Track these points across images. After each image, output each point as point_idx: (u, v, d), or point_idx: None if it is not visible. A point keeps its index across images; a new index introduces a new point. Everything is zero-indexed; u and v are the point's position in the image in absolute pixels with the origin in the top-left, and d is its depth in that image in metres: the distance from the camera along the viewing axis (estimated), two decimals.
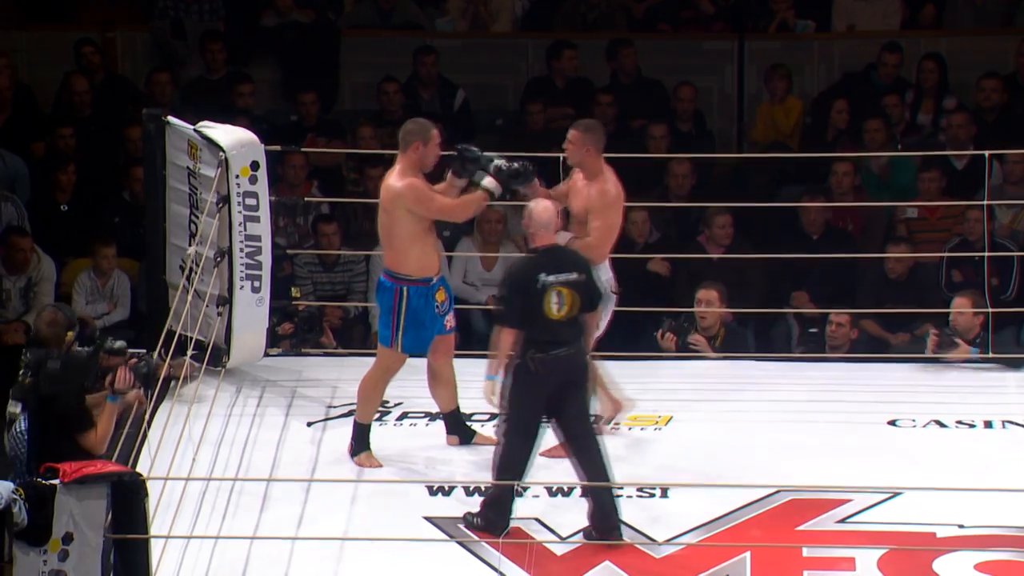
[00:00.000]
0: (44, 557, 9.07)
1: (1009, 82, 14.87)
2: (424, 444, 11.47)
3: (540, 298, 10.38)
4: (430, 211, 10.86)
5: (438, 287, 11.00)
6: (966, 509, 10.58)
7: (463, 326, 12.25)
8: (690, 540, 10.54)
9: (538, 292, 10.37)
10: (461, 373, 11.25)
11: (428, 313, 10.95)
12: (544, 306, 10.39)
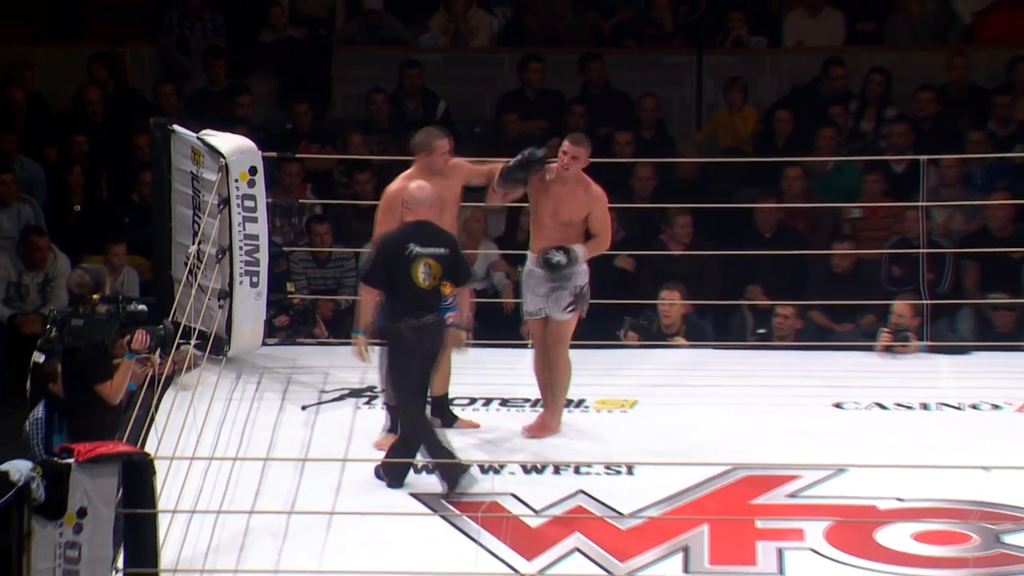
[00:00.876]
0: (60, 530, 9.06)
1: (942, 93, 14.89)
2: None
3: (409, 267, 10.49)
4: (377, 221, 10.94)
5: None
6: (905, 484, 10.60)
7: None
8: (653, 513, 10.54)
9: (407, 260, 10.48)
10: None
11: None
12: (413, 275, 10.49)
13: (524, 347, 12.57)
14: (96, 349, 10.26)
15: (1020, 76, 14.86)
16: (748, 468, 10.86)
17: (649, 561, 10.21)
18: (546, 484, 10.88)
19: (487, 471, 11.01)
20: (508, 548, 10.32)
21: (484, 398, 11.86)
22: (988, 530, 10.35)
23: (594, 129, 14.75)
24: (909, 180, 13.67)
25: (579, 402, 11.84)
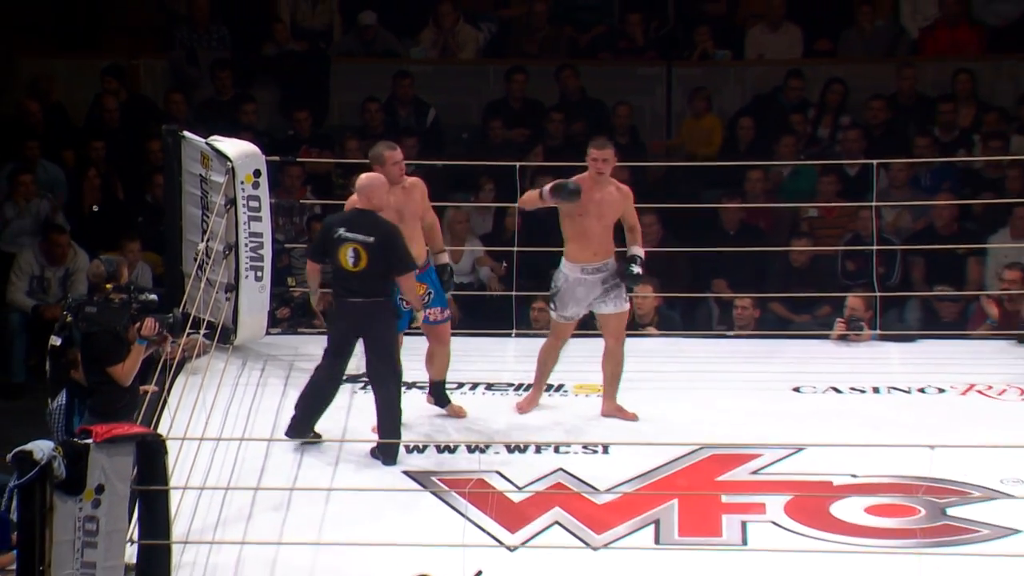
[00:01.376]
0: (80, 505, 9.05)
1: (892, 102, 14.90)
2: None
3: (336, 248, 10.53)
4: None
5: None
6: (858, 462, 10.61)
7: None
8: (627, 489, 10.54)
9: (334, 242, 10.52)
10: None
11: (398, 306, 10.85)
12: (340, 256, 10.52)
13: (507, 336, 12.59)
14: (109, 334, 10.26)
15: (961, 87, 14.88)
16: (714, 447, 10.86)
17: (623, 533, 10.21)
18: (528, 463, 10.88)
19: (473, 451, 11.00)
20: (493, 521, 10.32)
21: (471, 383, 11.85)
22: (934, 504, 10.37)
23: (572, 135, 14.77)
24: (862, 182, 13.67)
25: (559, 387, 11.84)
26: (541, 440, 11.04)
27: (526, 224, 13.08)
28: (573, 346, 12.29)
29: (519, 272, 12.94)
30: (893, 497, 10.45)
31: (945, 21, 15.47)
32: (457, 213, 13.65)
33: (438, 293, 11.00)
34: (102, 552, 9.13)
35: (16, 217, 13.96)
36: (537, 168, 13.98)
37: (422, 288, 10.87)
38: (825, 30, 15.61)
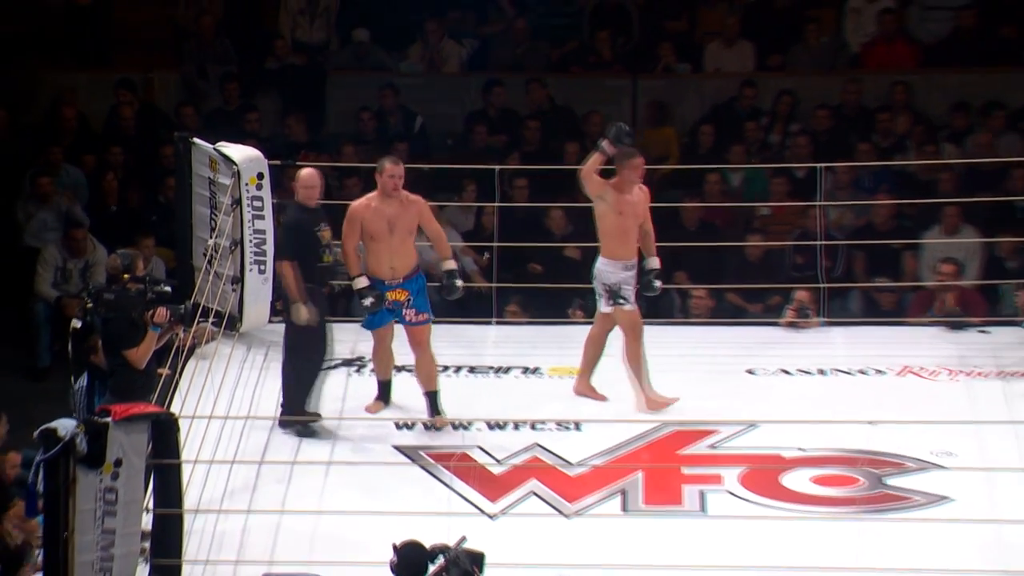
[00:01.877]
0: (100, 477, 9.04)
1: (836, 112, 14.92)
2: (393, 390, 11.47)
3: (319, 244, 10.66)
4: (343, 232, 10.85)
5: (392, 288, 10.79)
6: (805, 437, 10.64)
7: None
8: (597, 462, 10.57)
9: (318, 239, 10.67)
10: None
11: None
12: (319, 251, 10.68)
13: (488, 323, 12.59)
14: (125, 320, 10.27)
15: (898, 97, 14.90)
16: (675, 424, 10.89)
17: (593, 502, 10.25)
18: (507, 438, 10.92)
19: (458, 428, 11.02)
20: (476, 492, 10.36)
21: (455, 366, 11.85)
22: (873, 474, 10.42)
23: (546, 141, 14.77)
24: (809, 183, 13.68)
25: (535, 369, 11.85)
26: (518, 417, 11.05)
27: (503, 222, 13.11)
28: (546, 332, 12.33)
29: (498, 265, 12.96)
30: (836, 467, 10.49)
31: (883, 38, 15.48)
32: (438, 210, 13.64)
33: (417, 298, 10.89)
34: (121, 520, 9.13)
35: (39, 213, 13.94)
36: (514, 171, 14.00)
37: (403, 294, 10.79)
38: (775, 46, 15.61)
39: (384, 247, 10.79)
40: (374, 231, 10.70)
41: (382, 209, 10.72)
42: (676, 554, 9.70)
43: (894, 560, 9.60)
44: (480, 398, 11.40)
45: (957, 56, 15.31)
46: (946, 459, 10.51)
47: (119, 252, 10.81)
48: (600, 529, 10.01)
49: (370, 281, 10.82)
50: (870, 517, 10.10)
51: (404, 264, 10.80)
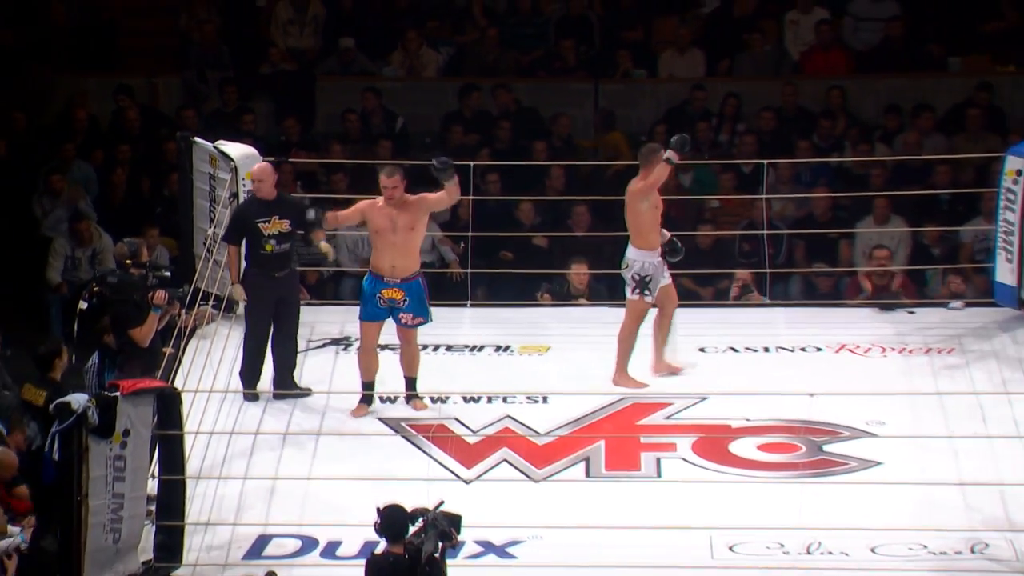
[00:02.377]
0: (110, 446, 9.03)
1: (779, 113, 14.92)
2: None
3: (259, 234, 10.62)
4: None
5: (389, 287, 10.58)
6: (751, 408, 10.65)
7: None
8: (563, 432, 10.57)
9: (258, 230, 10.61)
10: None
11: (371, 298, 10.63)
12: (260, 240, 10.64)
13: (463, 306, 12.55)
14: (129, 303, 10.25)
15: (834, 101, 14.92)
16: (634, 397, 10.90)
17: (559, 468, 10.25)
18: (481, 410, 10.90)
19: (436, 401, 10.99)
20: (452, 459, 10.35)
21: (433, 345, 11.82)
22: (812, 441, 10.43)
23: (516, 140, 14.75)
24: (754, 178, 13.69)
25: (506, 347, 11.83)
26: (491, 391, 11.03)
27: (477, 214, 13.08)
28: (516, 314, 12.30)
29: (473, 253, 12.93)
30: (779, 436, 10.50)
31: (820, 46, 15.50)
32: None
33: (413, 302, 10.67)
34: (129, 485, 9.11)
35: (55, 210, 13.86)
36: (486, 167, 13.97)
37: (400, 294, 10.59)
38: (723, 53, 15.62)
39: (388, 243, 10.55)
40: (378, 226, 10.57)
41: (386, 209, 10.60)
42: (634, 515, 9.70)
43: (831, 519, 9.62)
44: (456, 374, 11.37)
45: (887, 63, 15.34)
46: (878, 428, 10.54)
47: (125, 241, 10.78)
48: (566, 493, 10.01)
49: (372, 273, 10.63)
50: (810, 480, 10.11)
51: (405, 266, 10.59)
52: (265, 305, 10.82)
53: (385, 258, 10.58)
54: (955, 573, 9.27)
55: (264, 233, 10.72)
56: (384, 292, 10.60)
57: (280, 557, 9.46)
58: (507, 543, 9.56)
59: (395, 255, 10.55)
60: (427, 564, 8.58)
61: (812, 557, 9.40)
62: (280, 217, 10.78)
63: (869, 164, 13.95)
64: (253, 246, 10.77)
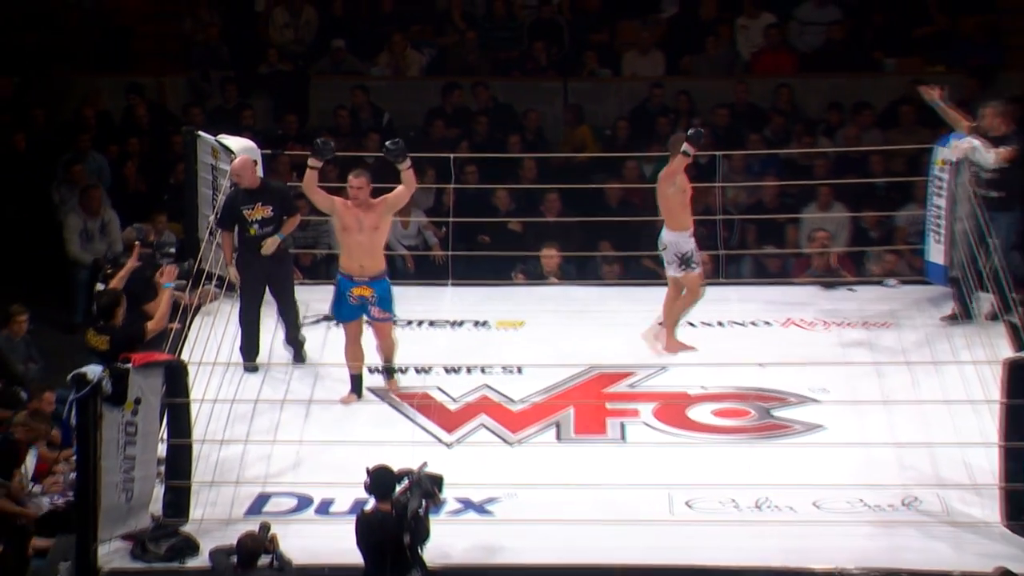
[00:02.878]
0: (122, 413, 9.03)
1: (732, 109, 14.91)
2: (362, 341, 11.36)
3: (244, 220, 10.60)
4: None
5: (358, 285, 10.34)
6: (707, 377, 10.66)
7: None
8: (536, 399, 10.57)
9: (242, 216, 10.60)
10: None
11: (343, 299, 10.42)
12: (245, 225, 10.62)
13: (445, 284, 12.52)
14: (141, 280, 10.25)
15: (782, 99, 14.91)
16: (601, 368, 10.89)
17: (533, 433, 10.26)
18: (461, 380, 10.89)
19: (420, 371, 10.97)
20: (435, 425, 10.35)
21: (417, 320, 11.80)
22: (762, 407, 10.46)
23: (492, 134, 14.70)
24: (710, 168, 13.66)
25: (484, 323, 11.81)
26: (470, 363, 11.02)
27: (457, 201, 13.05)
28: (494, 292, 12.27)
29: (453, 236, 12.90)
30: (732, 402, 10.52)
31: (769, 48, 15.49)
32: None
33: (381, 299, 10.42)
34: (140, 448, 9.11)
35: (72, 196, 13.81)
36: (466, 159, 13.93)
37: (368, 291, 10.35)
38: (681, 54, 15.60)
39: (354, 242, 10.33)
40: (345, 224, 10.34)
41: (353, 209, 10.36)
42: (601, 475, 9.70)
43: (779, 477, 9.65)
44: (438, 347, 11.36)
45: (829, 64, 15.35)
46: (821, 394, 10.56)
47: (133, 226, 10.84)
48: (538, 455, 10.00)
49: (341, 274, 10.42)
50: (759, 443, 10.13)
51: (372, 264, 10.34)
52: (255, 283, 10.78)
53: (353, 258, 10.35)
54: (890, 525, 9.30)
55: (248, 219, 10.70)
56: (354, 291, 10.35)
57: (278, 514, 9.45)
58: (485, 501, 9.55)
59: (362, 255, 10.31)
60: (412, 520, 8.59)
61: (761, 512, 9.42)
62: (263, 204, 10.73)
63: (813, 155, 13.94)
64: (241, 231, 10.75)
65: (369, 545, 8.63)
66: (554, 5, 15.78)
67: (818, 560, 8.99)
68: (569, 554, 9.03)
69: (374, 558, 8.61)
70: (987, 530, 9.20)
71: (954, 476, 9.58)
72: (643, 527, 9.22)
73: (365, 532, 8.65)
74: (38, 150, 14.21)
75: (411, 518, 8.56)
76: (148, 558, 9.03)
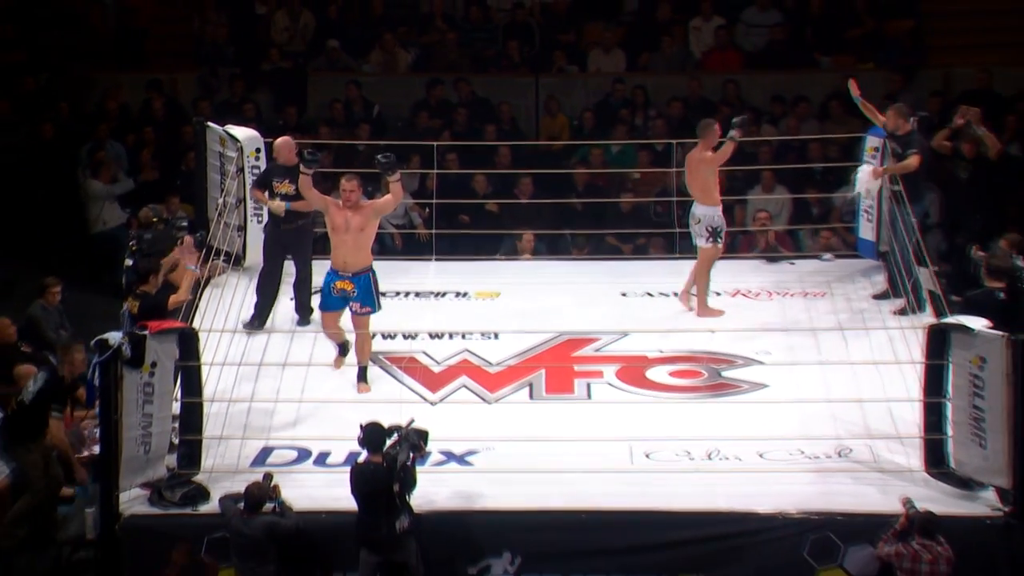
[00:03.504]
0: (140, 375, 8.99)
1: (685, 102, 14.84)
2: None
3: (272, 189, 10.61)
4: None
5: (342, 279, 10.03)
6: (664, 341, 10.63)
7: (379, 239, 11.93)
8: (511, 363, 10.55)
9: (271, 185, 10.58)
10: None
11: (327, 290, 10.12)
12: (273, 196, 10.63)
13: (429, 260, 12.45)
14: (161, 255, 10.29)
15: (729, 93, 14.86)
16: (569, 334, 10.86)
17: (508, 392, 10.24)
18: (444, 345, 10.85)
19: (407, 337, 10.92)
20: (420, 385, 10.31)
21: (404, 291, 11.74)
22: (713, 368, 10.44)
23: (471, 125, 14.62)
24: (666, 155, 13.62)
25: (464, 293, 11.76)
26: (452, 329, 10.98)
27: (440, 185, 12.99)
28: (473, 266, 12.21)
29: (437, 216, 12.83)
30: (687, 364, 10.50)
31: (718, 47, 15.45)
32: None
33: (362, 293, 10.08)
34: (156, 406, 9.07)
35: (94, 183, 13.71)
36: (448, 147, 13.86)
37: (350, 285, 10.01)
38: (640, 53, 15.54)
39: (340, 240, 10.05)
40: (334, 224, 10.05)
41: (343, 210, 10.07)
42: (569, 430, 9.69)
43: (728, 431, 9.65)
44: (423, 316, 11.30)
45: (772, 61, 15.31)
46: (765, 357, 10.56)
47: (150, 207, 10.85)
48: (513, 412, 9.99)
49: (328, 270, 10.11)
50: (711, 400, 10.13)
51: (356, 262, 10.06)
52: (276, 252, 10.72)
53: (339, 254, 10.07)
54: (825, 473, 9.32)
55: (276, 192, 10.63)
56: (337, 284, 10.07)
57: (280, 465, 9.42)
58: (465, 453, 9.53)
59: (347, 252, 10.05)
60: (401, 470, 8.57)
61: (712, 462, 9.43)
62: (291, 181, 10.65)
63: (758, 143, 13.91)
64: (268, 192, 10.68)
65: (363, 493, 8.60)
66: (526, 8, 15.70)
67: (762, 504, 9.03)
68: (541, 500, 9.03)
69: (367, 505, 8.59)
70: (910, 476, 9.23)
71: (882, 429, 9.60)
72: (607, 476, 9.21)
73: (359, 481, 8.63)
74: (64, 139, 14.15)
75: (400, 469, 8.53)
76: (164, 504, 9.04)
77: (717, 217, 11.05)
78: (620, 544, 8.92)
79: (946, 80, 14.91)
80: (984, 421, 8.87)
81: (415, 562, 8.69)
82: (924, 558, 8.53)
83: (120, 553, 8.88)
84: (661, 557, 8.93)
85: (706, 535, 8.92)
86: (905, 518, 8.67)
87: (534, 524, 8.95)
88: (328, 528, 8.87)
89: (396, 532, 8.55)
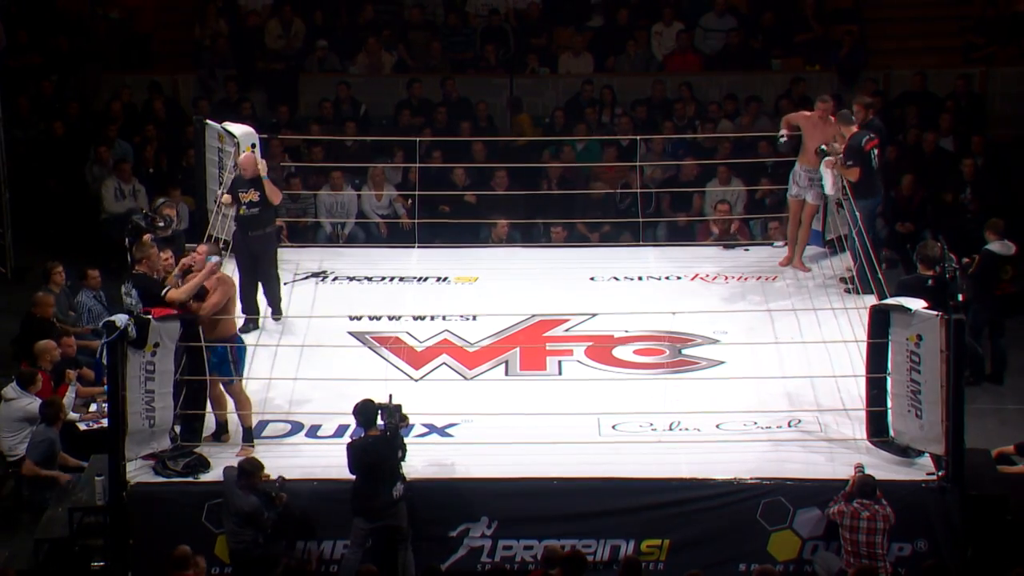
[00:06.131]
0: (143, 355, 8.93)
1: (648, 102, 14.82)
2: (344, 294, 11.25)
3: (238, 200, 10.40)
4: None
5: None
6: (629, 322, 10.63)
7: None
8: (488, 342, 10.52)
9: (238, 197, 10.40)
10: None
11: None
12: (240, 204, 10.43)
13: (412, 247, 12.39)
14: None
15: (687, 92, 14.84)
16: (541, 315, 10.84)
17: (485, 369, 10.22)
18: (426, 326, 10.81)
19: (392, 319, 10.88)
20: (405, 363, 10.28)
21: (389, 276, 11.69)
22: (675, 347, 10.44)
23: (450, 122, 14.57)
24: (631, 150, 13.61)
25: (444, 278, 11.71)
26: (434, 312, 10.94)
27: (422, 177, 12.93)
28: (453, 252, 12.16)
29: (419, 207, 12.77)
30: (651, 343, 10.50)
31: (678, 51, 15.44)
32: (376, 169, 13.48)
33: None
34: (158, 384, 9.03)
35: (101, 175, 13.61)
36: (429, 142, 13.81)
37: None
38: (607, 56, 15.51)
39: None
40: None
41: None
42: (541, 404, 9.67)
43: (688, 404, 9.66)
44: (406, 299, 11.26)
45: (728, 63, 15.30)
46: (722, 336, 10.56)
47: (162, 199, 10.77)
48: (490, 388, 9.97)
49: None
50: (672, 376, 10.13)
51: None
52: (244, 257, 10.64)
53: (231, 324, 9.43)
54: (778, 443, 9.34)
55: (242, 200, 10.56)
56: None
57: (275, 437, 9.41)
58: (446, 426, 9.52)
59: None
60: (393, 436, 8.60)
61: (673, 433, 9.44)
62: (255, 190, 10.59)
63: (715, 139, 13.89)
64: (236, 209, 10.59)
65: (367, 465, 8.59)
66: (501, 14, 15.65)
67: (720, 471, 9.07)
68: (516, 469, 9.03)
69: (370, 475, 8.57)
70: (855, 445, 9.27)
71: (829, 402, 9.63)
72: (576, 447, 9.21)
73: (360, 455, 8.62)
74: (74, 136, 14.08)
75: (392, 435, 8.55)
76: (168, 473, 9.03)
77: (813, 178, 11.19)
78: (589, 509, 8.93)
79: (886, 81, 14.99)
80: (921, 394, 8.92)
81: (406, 525, 8.69)
82: (863, 515, 8.65)
83: (128, 518, 8.85)
84: (627, 521, 8.95)
85: (668, 500, 8.95)
86: (852, 482, 8.75)
87: (509, 491, 8.96)
88: (319, 495, 8.86)
89: (393, 498, 8.55)
